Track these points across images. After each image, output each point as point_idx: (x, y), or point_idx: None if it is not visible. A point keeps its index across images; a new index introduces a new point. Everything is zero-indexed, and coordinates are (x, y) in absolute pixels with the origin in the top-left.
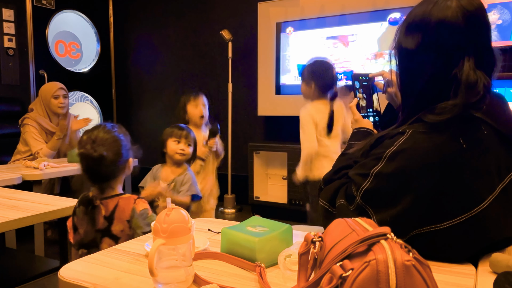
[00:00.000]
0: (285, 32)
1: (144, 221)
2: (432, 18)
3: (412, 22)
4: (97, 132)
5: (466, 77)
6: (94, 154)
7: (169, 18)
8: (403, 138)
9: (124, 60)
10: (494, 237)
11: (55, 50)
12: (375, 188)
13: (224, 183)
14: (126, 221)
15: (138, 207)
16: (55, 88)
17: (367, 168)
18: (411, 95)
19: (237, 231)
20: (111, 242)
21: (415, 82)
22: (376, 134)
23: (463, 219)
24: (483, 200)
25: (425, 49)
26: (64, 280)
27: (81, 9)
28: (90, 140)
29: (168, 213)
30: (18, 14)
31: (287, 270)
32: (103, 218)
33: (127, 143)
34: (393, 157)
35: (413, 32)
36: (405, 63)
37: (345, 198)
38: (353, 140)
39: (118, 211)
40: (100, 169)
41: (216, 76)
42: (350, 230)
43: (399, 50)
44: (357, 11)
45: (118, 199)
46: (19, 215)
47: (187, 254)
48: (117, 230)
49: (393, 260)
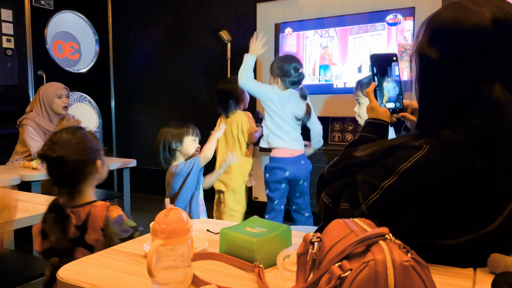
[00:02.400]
0: (284, 33)
1: (120, 227)
2: (463, 28)
3: (438, 29)
4: (60, 134)
5: (495, 98)
6: (52, 155)
7: (168, 19)
8: (419, 155)
9: (122, 61)
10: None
11: (53, 50)
12: (383, 201)
13: None
14: (100, 229)
15: (112, 214)
16: (59, 88)
17: (377, 179)
18: (429, 108)
19: (236, 232)
20: (85, 252)
21: (436, 95)
22: (389, 140)
23: (470, 238)
24: (493, 221)
25: (451, 61)
26: (63, 280)
27: (79, 9)
28: (50, 141)
29: (167, 213)
30: (17, 14)
31: (285, 271)
32: (75, 228)
33: (94, 145)
34: (406, 174)
35: (438, 41)
36: (426, 73)
37: (349, 203)
38: (367, 132)
39: (90, 220)
40: (61, 171)
41: (215, 77)
42: (349, 231)
43: (420, 57)
44: (356, 12)
45: (89, 207)
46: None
47: (186, 254)
48: (91, 239)
49: (391, 260)
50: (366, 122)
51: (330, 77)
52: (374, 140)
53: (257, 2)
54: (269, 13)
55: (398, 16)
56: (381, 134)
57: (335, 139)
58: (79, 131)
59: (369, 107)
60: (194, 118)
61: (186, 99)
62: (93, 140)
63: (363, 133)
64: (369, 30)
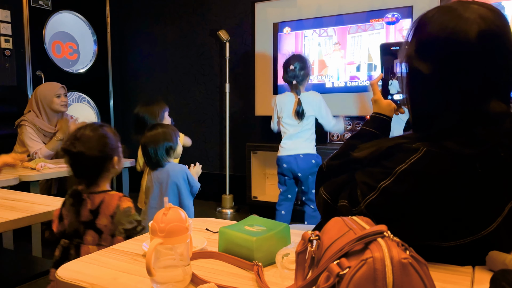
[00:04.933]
0: (282, 32)
1: (126, 218)
2: (451, 41)
3: (425, 41)
4: (84, 130)
5: (493, 112)
6: (73, 150)
7: (166, 19)
8: (416, 157)
9: (121, 61)
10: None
11: (52, 51)
12: (380, 202)
13: (222, 183)
14: (109, 216)
15: (122, 205)
16: (57, 87)
17: (374, 180)
18: (422, 116)
19: (235, 231)
20: (94, 235)
21: (428, 106)
22: (387, 141)
23: (468, 241)
24: (491, 223)
25: (441, 75)
26: (62, 280)
27: (78, 9)
28: (73, 137)
29: (166, 212)
30: (15, 15)
31: (284, 269)
32: (88, 211)
33: (113, 143)
34: (403, 177)
35: (426, 54)
36: (416, 84)
37: (348, 200)
38: (369, 127)
39: (103, 206)
40: (81, 164)
41: (213, 77)
42: (347, 229)
43: (409, 68)
44: (354, 11)
45: (104, 195)
46: (16, 215)
47: (185, 253)
48: (101, 224)
49: (390, 258)
50: (370, 115)
51: (328, 76)
52: (375, 134)
53: (256, 2)
54: (268, 12)
55: (396, 15)
56: (383, 129)
57: (333, 138)
58: (100, 128)
59: (373, 99)
60: (193, 118)
61: (184, 99)
62: (114, 138)
63: (364, 127)
64: (367, 29)
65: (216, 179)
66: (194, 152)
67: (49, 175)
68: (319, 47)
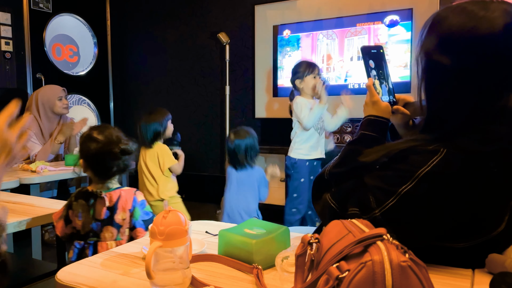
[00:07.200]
0: (282, 34)
1: (143, 210)
2: (476, 37)
3: (447, 36)
4: (110, 130)
5: (509, 108)
6: (115, 150)
7: (166, 21)
8: (437, 159)
9: (121, 63)
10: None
11: (52, 53)
12: (400, 207)
13: (222, 185)
14: (128, 210)
15: (139, 197)
16: (59, 90)
17: (390, 185)
18: (437, 113)
19: (235, 233)
20: (113, 230)
21: (447, 103)
22: (396, 144)
23: (479, 241)
24: (501, 223)
25: (465, 70)
26: (62, 283)
27: (78, 12)
28: (107, 139)
29: (165, 215)
30: (15, 17)
31: (284, 272)
32: (106, 209)
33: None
34: (426, 179)
35: (449, 49)
36: (435, 80)
37: (358, 207)
38: (369, 131)
39: (120, 202)
40: (97, 165)
41: (213, 79)
42: (347, 232)
43: (428, 63)
44: (354, 13)
45: (120, 191)
46: (16, 218)
47: (184, 256)
48: (119, 218)
49: (389, 261)
50: (367, 119)
51: (328, 78)
52: (375, 138)
53: (256, 4)
54: (267, 15)
55: (396, 18)
56: (383, 132)
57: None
58: (114, 127)
59: (370, 101)
60: (193, 120)
61: (185, 101)
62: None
63: (363, 131)
64: (367, 31)
65: (216, 181)
66: (194, 154)
67: (49, 178)
68: (320, 49)
